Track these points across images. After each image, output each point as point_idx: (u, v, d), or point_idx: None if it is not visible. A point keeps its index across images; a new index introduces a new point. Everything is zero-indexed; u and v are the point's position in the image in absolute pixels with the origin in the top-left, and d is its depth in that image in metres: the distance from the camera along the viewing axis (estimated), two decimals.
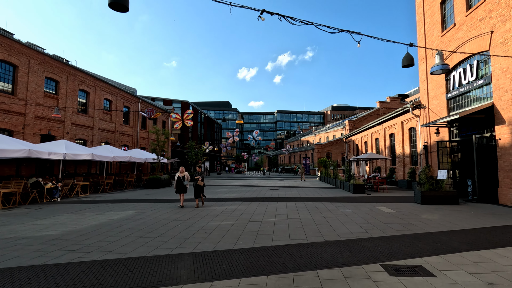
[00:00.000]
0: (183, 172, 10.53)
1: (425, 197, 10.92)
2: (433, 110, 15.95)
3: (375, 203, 11.49)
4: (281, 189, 18.20)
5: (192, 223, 7.65)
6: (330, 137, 55.19)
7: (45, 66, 19.68)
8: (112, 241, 5.92)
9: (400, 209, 9.81)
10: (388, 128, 22.86)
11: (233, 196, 14.31)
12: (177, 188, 10.45)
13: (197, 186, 10.32)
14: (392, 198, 12.98)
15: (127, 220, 8.11)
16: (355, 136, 32.91)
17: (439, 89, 15.34)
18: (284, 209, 9.94)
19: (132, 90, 38.45)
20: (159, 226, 7.37)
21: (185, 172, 10.53)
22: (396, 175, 20.98)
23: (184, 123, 15.51)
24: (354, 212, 9.23)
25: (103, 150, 17.88)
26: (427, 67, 16.61)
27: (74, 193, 14.21)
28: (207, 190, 17.51)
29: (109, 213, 9.33)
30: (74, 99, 22.30)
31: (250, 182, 25.06)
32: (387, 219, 8.06)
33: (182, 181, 10.37)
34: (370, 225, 7.29)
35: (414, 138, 18.90)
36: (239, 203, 11.71)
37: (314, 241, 5.83)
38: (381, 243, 5.64)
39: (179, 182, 10.39)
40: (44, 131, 19.47)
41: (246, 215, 8.91)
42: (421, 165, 17.17)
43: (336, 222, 7.70)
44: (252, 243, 5.73)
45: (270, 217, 8.47)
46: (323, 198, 13.08)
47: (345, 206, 10.67)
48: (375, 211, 9.41)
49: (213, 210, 9.92)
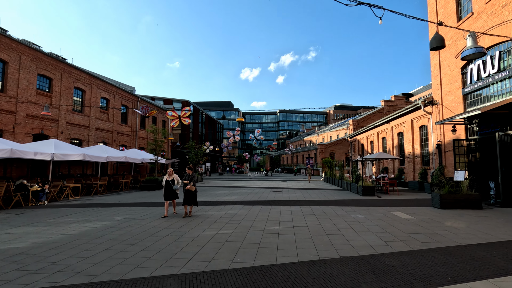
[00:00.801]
0: (172, 174, 8.95)
1: (445, 201, 9.89)
2: (447, 107, 14.89)
3: (388, 207, 10.47)
4: (285, 191, 17.21)
5: (184, 233, 6.69)
6: (334, 136, 54.08)
7: (38, 62, 18.85)
8: (85, 256, 4.98)
9: (418, 215, 8.79)
10: (397, 126, 21.79)
11: (233, 199, 13.35)
12: (166, 194, 8.80)
13: (188, 192, 8.60)
14: (405, 202, 11.95)
15: (112, 229, 7.17)
16: (361, 135, 31.84)
17: (454, 83, 14.28)
18: (288, 215, 8.95)
19: (130, 89, 37.64)
20: (146, 236, 6.41)
21: (175, 175, 8.97)
22: (406, 176, 19.91)
23: (181, 121, 14.57)
24: (368, 219, 8.23)
25: (97, 150, 17.00)
26: (440, 60, 15.56)
27: (63, 196, 13.32)
28: (206, 192, 16.56)
29: (94, 220, 8.40)
30: (68, 97, 21.46)
31: (251, 183, 24.09)
32: (407, 228, 7.06)
33: (171, 185, 8.81)
34: (390, 235, 6.28)
35: (425, 136, 17.83)
36: (239, 207, 10.75)
37: (327, 257, 4.85)
38: (409, 261, 4.65)
39: (168, 186, 8.82)
40: (36, 130, 18.64)
41: (247, 222, 7.94)
42: (434, 166, 16.11)
43: (349, 231, 6.70)
44: (252, 260, 4.76)
45: (274, 225, 7.50)
46: (330, 202, 12.08)
47: (356, 211, 9.66)
48: (391, 217, 8.40)
49: (210, 215, 8.96)
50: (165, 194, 8.82)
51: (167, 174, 8.95)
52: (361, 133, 31.34)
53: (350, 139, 36.42)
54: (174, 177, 8.94)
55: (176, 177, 8.98)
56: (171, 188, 8.83)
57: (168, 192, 8.83)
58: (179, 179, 9.02)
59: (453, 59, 14.41)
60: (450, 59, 14.63)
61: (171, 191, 8.85)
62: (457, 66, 14.10)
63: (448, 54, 14.83)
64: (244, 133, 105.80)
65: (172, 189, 8.82)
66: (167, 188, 8.82)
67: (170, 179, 8.87)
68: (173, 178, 8.91)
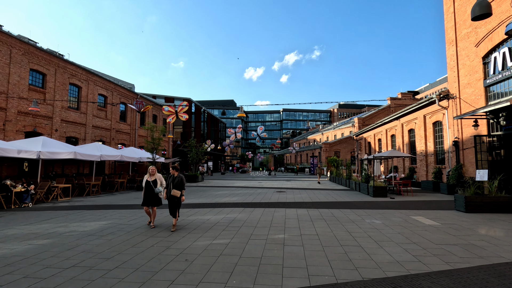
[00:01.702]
0: (155, 174, 7.22)
1: (471, 204, 8.77)
2: (466, 100, 13.72)
3: (405, 210, 9.38)
4: (289, 191, 16.16)
5: (173, 243, 5.69)
6: (338, 135, 52.86)
7: (30, 57, 18.00)
8: (43, 277, 4.00)
9: (443, 220, 7.70)
10: (407, 123, 20.61)
11: (234, 200, 12.35)
12: (146, 198, 7.02)
13: (172, 198, 6.73)
14: (423, 204, 10.84)
15: (90, 237, 6.20)
16: (367, 133, 30.64)
17: (474, 75, 13.10)
18: (294, 219, 7.92)
19: (129, 86, 36.81)
20: (127, 247, 5.43)
21: (158, 175, 7.22)
22: (418, 176, 18.74)
23: (178, 116, 13.60)
24: (386, 225, 7.16)
25: (90, 148, 16.10)
26: (457, 50, 14.38)
27: (52, 197, 12.42)
28: (206, 192, 15.57)
29: (75, 225, 7.45)
30: (63, 93, 20.62)
31: (254, 183, 23.08)
32: (435, 237, 5.98)
33: (152, 187, 7.03)
34: (418, 248, 5.22)
35: (440, 133, 16.65)
36: (240, 210, 9.73)
37: (347, 280, 3.81)
38: (454, 286, 3.59)
39: (149, 189, 7.03)
40: (29, 128, 17.81)
41: (247, 228, 6.92)
42: (450, 164, 14.95)
43: (368, 241, 5.65)
44: (251, 283, 3.74)
45: (278, 232, 6.47)
46: (339, 204, 11.02)
47: (370, 215, 8.59)
48: (412, 223, 7.33)
49: (206, 220, 7.96)
50: (144, 198, 7.06)
51: (148, 173, 7.23)
52: (368, 131, 30.15)
53: (356, 137, 35.22)
54: (157, 177, 7.22)
55: (160, 177, 7.26)
56: (152, 191, 7.06)
57: (149, 196, 7.05)
58: (163, 180, 7.34)
59: (472, 48, 13.23)
60: (470, 48, 13.45)
61: (153, 194, 7.06)
62: (477, 55, 12.92)
63: (467, 43, 13.65)
64: (247, 132, 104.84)
65: (154, 192, 7.04)
66: (148, 191, 7.06)
67: (152, 180, 7.13)
68: (155, 179, 7.17)
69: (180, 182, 6.77)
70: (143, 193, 7.09)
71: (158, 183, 7.18)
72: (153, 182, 7.11)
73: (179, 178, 6.80)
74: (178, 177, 6.81)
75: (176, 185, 6.69)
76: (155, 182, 7.15)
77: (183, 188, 6.80)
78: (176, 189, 6.65)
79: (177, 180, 6.77)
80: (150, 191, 7.05)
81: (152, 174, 7.23)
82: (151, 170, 7.20)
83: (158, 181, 7.20)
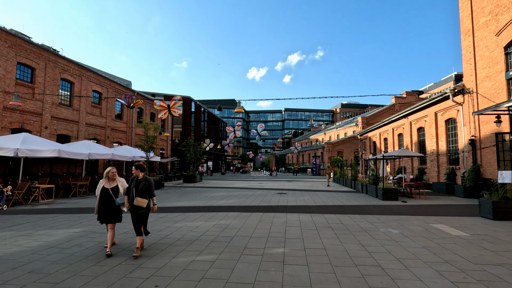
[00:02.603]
0: (115, 179, 5.28)
1: (499, 210, 7.64)
2: (484, 95, 12.56)
3: (422, 216, 8.26)
4: (291, 193, 15.06)
5: (147, 259, 4.62)
6: (341, 135, 51.67)
7: (17, 49, 17.05)
8: None
9: (470, 230, 6.58)
10: (416, 121, 19.44)
11: (230, 203, 11.26)
12: (102, 211, 5.04)
13: (135, 210, 4.85)
14: (440, 209, 9.70)
15: (50, 250, 5.14)
16: (372, 132, 29.46)
17: (495, 66, 11.95)
18: (297, 228, 6.82)
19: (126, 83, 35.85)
20: (88, 265, 4.35)
21: (120, 179, 5.37)
22: (428, 177, 17.58)
23: (171, 111, 12.55)
24: (405, 235, 6.05)
25: (79, 146, 15.10)
26: (474, 41, 13.22)
27: (32, 198, 11.41)
28: (201, 194, 14.48)
29: (41, 233, 6.40)
30: (54, 89, 19.65)
31: (254, 184, 21.99)
32: (469, 253, 4.87)
33: (112, 197, 5.07)
34: (454, 269, 4.11)
35: (453, 131, 15.49)
36: (235, 215, 8.65)
37: None
38: None
39: (106, 200, 5.06)
40: (16, 124, 16.85)
41: (240, 239, 5.84)
42: (465, 165, 13.79)
43: (388, 259, 4.55)
44: None
45: (277, 245, 5.38)
46: (346, 208, 9.91)
47: (384, 222, 7.48)
48: (436, 234, 6.21)
49: (194, 228, 6.89)
50: (100, 212, 5.04)
51: (106, 177, 5.19)
52: (373, 130, 28.98)
53: (360, 136, 34.05)
54: (120, 183, 5.29)
55: (123, 183, 5.36)
56: (111, 202, 5.04)
57: (106, 209, 5.02)
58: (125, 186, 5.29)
59: (492, 38, 12.08)
60: (489, 38, 12.29)
61: (112, 207, 5.04)
62: (498, 45, 11.77)
63: (485, 33, 12.50)
64: (248, 132, 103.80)
65: (114, 204, 5.05)
66: (105, 202, 5.04)
67: (112, 187, 5.15)
68: (116, 185, 5.21)
69: (147, 187, 4.94)
70: (97, 205, 5.05)
71: (120, 191, 5.19)
72: (113, 190, 5.13)
73: (145, 181, 4.94)
74: (144, 181, 4.94)
75: (141, 191, 4.86)
76: (116, 189, 5.17)
77: (151, 195, 5.02)
78: (140, 197, 4.83)
79: (142, 184, 4.90)
80: (109, 202, 5.05)
81: (112, 179, 5.23)
82: (111, 173, 5.20)
83: (120, 188, 5.22)
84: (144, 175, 5.03)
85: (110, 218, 5.04)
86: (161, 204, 11.03)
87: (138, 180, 4.97)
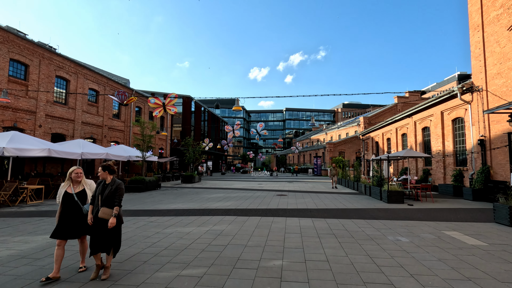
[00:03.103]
0: (80, 179, 4.25)
1: None
2: (495, 93, 11.95)
3: (431, 222, 7.67)
4: (291, 195, 14.48)
5: (125, 273, 4.05)
6: (343, 135, 51.07)
7: (10, 45, 16.54)
8: None
9: (487, 238, 5.99)
10: (421, 120, 18.83)
11: (226, 205, 10.70)
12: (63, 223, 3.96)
13: (101, 223, 3.87)
14: (449, 213, 9.10)
15: (21, 260, 4.58)
16: (375, 132, 28.85)
17: (507, 63, 11.34)
18: (297, 235, 6.25)
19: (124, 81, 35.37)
20: (56, 281, 3.80)
21: (87, 181, 4.36)
22: (433, 178, 16.96)
23: (166, 109, 12.01)
24: (417, 245, 5.47)
25: (71, 145, 14.57)
26: (484, 36, 12.61)
27: (20, 199, 10.88)
28: (198, 195, 13.92)
29: (17, 240, 5.84)
30: (49, 86, 19.14)
31: (254, 185, 21.42)
32: (493, 267, 4.29)
33: (79, 205, 4.09)
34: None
35: (461, 131, 14.87)
36: (231, 219, 8.09)
37: None
38: None
39: (70, 207, 4.04)
40: (8, 123, 16.34)
41: (234, 248, 5.27)
42: (473, 166, 13.18)
43: (401, 275, 3.97)
44: None
45: (274, 256, 4.81)
46: (350, 212, 9.32)
47: (391, 228, 6.90)
48: (451, 243, 5.63)
49: (185, 234, 6.32)
50: (60, 223, 3.94)
51: (69, 178, 4.17)
52: (376, 130, 28.36)
53: (363, 136, 33.42)
54: (87, 186, 4.29)
55: (92, 186, 4.36)
56: (76, 211, 4.05)
57: (70, 219, 3.98)
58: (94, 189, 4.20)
59: (504, 32, 11.47)
60: (501, 33, 11.68)
61: (78, 216, 4.04)
62: (510, 40, 11.16)
63: (497, 27, 11.89)
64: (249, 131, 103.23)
65: (82, 212, 4.09)
66: (68, 211, 4.01)
67: (78, 191, 4.14)
68: (83, 189, 4.21)
69: (112, 194, 3.91)
70: (58, 214, 3.98)
71: (89, 196, 4.22)
72: (78, 195, 4.12)
73: (112, 186, 3.97)
74: (111, 185, 3.98)
75: (107, 199, 3.88)
76: (82, 194, 4.17)
77: (117, 203, 3.91)
78: (107, 207, 3.85)
79: (108, 190, 3.91)
80: (74, 211, 4.02)
81: (77, 181, 4.20)
82: (74, 174, 4.16)
83: (88, 192, 4.24)
84: (113, 179, 4.08)
85: (76, 231, 4.01)
86: (154, 206, 10.48)
87: (105, 185, 4.01)
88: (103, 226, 3.84)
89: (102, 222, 3.84)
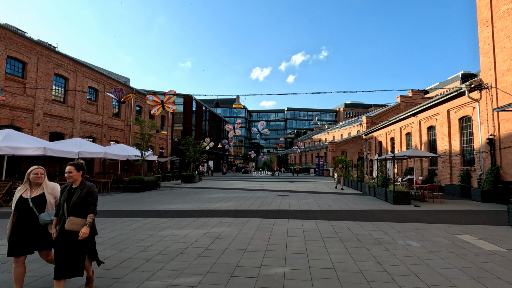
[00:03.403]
0: (40, 182, 3.38)
1: None
2: (505, 90, 11.51)
3: (442, 225, 7.27)
4: (293, 195, 14.10)
5: (114, 281, 3.70)
6: (345, 134, 50.62)
7: (7, 42, 16.26)
8: None
9: (504, 242, 5.59)
10: (426, 119, 18.38)
11: (226, 206, 10.34)
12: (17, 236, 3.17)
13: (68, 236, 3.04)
14: (459, 215, 8.69)
15: None
16: (378, 131, 28.40)
17: None
18: (300, 238, 5.88)
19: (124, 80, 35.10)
20: None
21: (49, 184, 3.50)
22: (439, 178, 16.52)
23: (164, 107, 11.68)
24: (429, 250, 5.08)
25: (68, 144, 14.28)
26: (493, 31, 12.17)
27: None
28: (198, 196, 13.56)
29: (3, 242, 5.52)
30: (47, 85, 18.86)
31: (255, 185, 21.05)
32: None
33: (35, 212, 3.25)
34: None
35: (468, 130, 14.43)
36: (231, 220, 7.73)
37: None
38: None
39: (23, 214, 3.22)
40: (5, 121, 16.07)
41: (233, 253, 4.90)
42: (482, 166, 12.75)
43: (416, 285, 3.58)
44: None
45: (276, 262, 4.44)
46: (355, 213, 8.93)
47: (400, 231, 6.51)
48: (466, 248, 5.23)
49: (181, 238, 5.96)
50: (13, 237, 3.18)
51: (27, 181, 3.36)
52: (379, 129, 27.91)
53: (365, 136, 32.96)
54: (47, 190, 3.44)
55: (54, 190, 3.51)
56: (32, 220, 3.26)
57: (25, 231, 3.22)
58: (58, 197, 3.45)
59: None
60: (511, 28, 11.25)
61: (35, 227, 3.27)
62: None
63: (507, 22, 11.45)
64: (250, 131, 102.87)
65: (38, 222, 3.28)
66: (22, 220, 3.23)
67: (35, 196, 3.32)
68: (42, 193, 3.37)
69: (82, 200, 3.14)
70: (11, 225, 3.21)
71: (49, 201, 3.40)
72: (35, 201, 3.29)
73: (81, 190, 3.18)
74: (81, 189, 3.19)
75: (75, 207, 3.11)
76: (40, 200, 3.34)
77: (93, 209, 3.19)
78: (76, 216, 3.09)
79: (77, 195, 3.13)
80: (29, 220, 3.25)
81: (37, 184, 3.39)
82: (33, 175, 3.34)
83: (48, 197, 3.41)
84: (82, 181, 3.26)
85: (31, 244, 3.22)
86: (151, 207, 10.14)
87: (71, 190, 3.19)
88: (71, 240, 3.03)
89: (70, 235, 3.03)
